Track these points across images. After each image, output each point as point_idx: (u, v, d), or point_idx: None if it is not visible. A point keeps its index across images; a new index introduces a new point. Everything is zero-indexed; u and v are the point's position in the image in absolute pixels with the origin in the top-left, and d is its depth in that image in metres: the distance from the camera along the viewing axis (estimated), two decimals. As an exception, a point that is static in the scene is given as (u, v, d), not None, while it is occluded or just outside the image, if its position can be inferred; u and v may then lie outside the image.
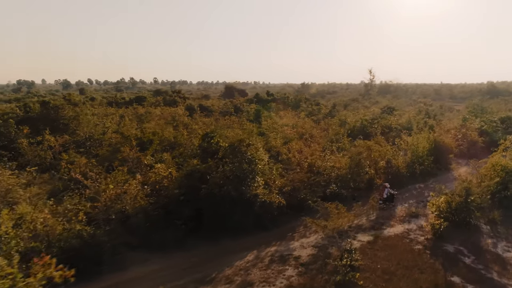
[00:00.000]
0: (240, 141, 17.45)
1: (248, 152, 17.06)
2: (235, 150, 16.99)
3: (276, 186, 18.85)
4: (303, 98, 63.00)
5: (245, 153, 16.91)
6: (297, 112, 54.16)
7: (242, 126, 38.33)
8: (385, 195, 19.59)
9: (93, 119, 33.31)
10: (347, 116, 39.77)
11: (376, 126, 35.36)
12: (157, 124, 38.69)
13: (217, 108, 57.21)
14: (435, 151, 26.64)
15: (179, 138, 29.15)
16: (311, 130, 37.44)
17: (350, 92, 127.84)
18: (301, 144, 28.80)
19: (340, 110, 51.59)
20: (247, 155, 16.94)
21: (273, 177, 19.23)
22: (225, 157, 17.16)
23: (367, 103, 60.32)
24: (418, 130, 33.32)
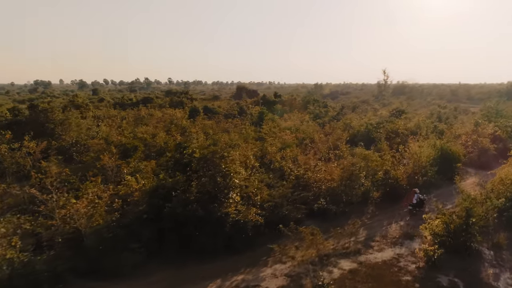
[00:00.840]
0: (213, 153, 15.78)
1: (222, 164, 15.44)
2: (207, 163, 15.39)
3: (258, 200, 17.22)
4: (311, 100, 61.02)
5: (219, 165, 15.30)
6: (303, 115, 52.39)
7: (242, 129, 36.79)
8: (415, 200, 18.89)
9: (85, 123, 32.16)
10: (352, 119, 37.77)
11: (381, 131, 33.30)
12: (155, 127, 37.52)
13: (221, 110, 55.76)
14: (441, 160, 24.56)
15: (170, 144, 27.73)
16: (313, 134, 35.65)
17: (364, 92, 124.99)
18: (297, 151, 27.06)
19: (348, 112, 49.53)
20: (221, 168, 15.33)
21: (255, 191, 17.57)
22: (197, 170, 15.58)
23: (377, 105, 57.99)
24: (427, 136, 31.20)
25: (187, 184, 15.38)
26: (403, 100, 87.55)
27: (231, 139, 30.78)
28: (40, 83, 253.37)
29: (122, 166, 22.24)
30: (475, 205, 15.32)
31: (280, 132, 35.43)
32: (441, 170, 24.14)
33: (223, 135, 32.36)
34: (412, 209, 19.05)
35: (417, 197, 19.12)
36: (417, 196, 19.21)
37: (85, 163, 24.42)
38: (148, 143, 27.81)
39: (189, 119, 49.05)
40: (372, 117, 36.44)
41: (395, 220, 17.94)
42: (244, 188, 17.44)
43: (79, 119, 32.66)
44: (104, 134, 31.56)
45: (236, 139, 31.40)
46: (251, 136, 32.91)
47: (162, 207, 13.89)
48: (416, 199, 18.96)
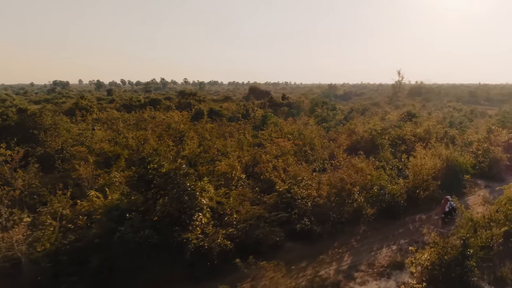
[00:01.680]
0: (176, 169, 14.17)
1: (187, 182, 13.84)
2: (171, 181, 13.80)
3: (235, 220, 15.56)
4: (320, 102, 58.98)
5: (183, 184, 13.71)
6: (309, 118, 50.45)
7: (241, 134, 35.20)
8: (447, 208, 18.18)
9: (76, 128, 31.04)
10: (357, 124, 35.72)
11: (387, 137, 31.21)
12: (153, 131, 36.34)
13: (227, 113, 54.28)
14: (447, 171, 22.47)
15: (162, 150, 26.33)
16: (315, 140, 33.81)
17: (380, 93, 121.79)
18: (293, 160, 25.31)
19: (356, 116, 47.36)
20: (186, 186, 13.73)
21: (231, 209, 15.92)
22: (162, 188, 14.00)
23: (388, 108, 55.49)
24: (437, 142, 29.02)
25: (150, 204, 13.84)
26: (418, 101, 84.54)
27: (224, 145, 29.24)
28: (58, 84, 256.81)
29: (101, 176, 20.96)
30: (478, 230, 13.41)
31: (278, 138, 33.72)
32: (446, 183, 22.05)
33: (219, 140, 30.84)
34: (444, 217, 18.30)
35: (450, 204, 18.27)
36: (449, 204, 18.33)
37: (63, 173, 23.27)
38: (136, 150, 26.53)
39: (193, 121, 47.86)
40: (378, 122, 34.26)
41: (387, 244, 15.96)
42: (219, 206, 15.85)
43: (69, 124, 31.59)
44: (97, 138, 30.46)
45: (231, 145, 29.87)
46: (246, 142, 31.29)
47: (114, 231, 12.37)
48: (449, 207, 18.26)
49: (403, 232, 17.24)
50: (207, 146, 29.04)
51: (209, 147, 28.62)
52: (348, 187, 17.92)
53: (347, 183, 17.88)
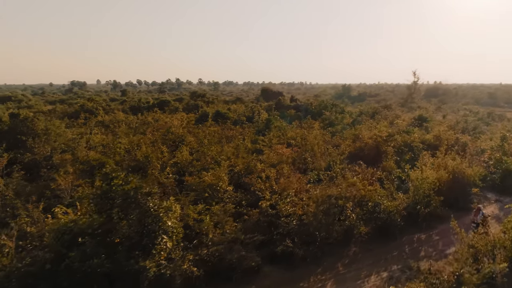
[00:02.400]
0: (136, 189, 12.85)
1: (150, 203, 12.52)
2: (131, 200, 12.49)
3: (209, 241, 14.20)
4: (329, 104, 57.19)
5: (145, 204, 12.40)
6: (314, 122, 48.78)
7: (239, 139, 33.87)
8: (479, 218, 16.72)
9: (70, 132, 30.11)
10: (362, 130, 33.97)
11: (392, 145, 29.45)
12: (152, 135, 35.39)
13: (233, 116, 52.99)
14: (452, 184, 20.66)
15: (152, 158, 25.20)
16: (317, 147, 32.26)
17: (395, 94, 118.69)
18: (288, 169, 23.82)
19: (366, 120, 45.48)
20: (149, 206, 12.41)
21: (206, 229, 14.55)
22: (122, 208, 12.70)
23: (399, 111, 53.30)
24: (443, 151, 27.13)
25: (112, 225, 12.56)
26: (434, 103, 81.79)
27: (220, 152, 27.92)
28: (76, 84, 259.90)
29: (80, 187, 19.89)
30: (479, 259, 11.77)
31: (278, 143, 32.28)
32: (451, 197, 20.28)
33: (214, 147, 29.56)
34: (476, 227, 16.90)
35: (482, 214, 16.98)
36: (481, 213, 17.11)
37: (47, 182, 22.31)
38: (125, 157, 25.44)
39: (197, 124, 46.81)
40: (384, 127, 32.38)
41: (377, 270, 14.29)
42: (196, 224, 14.51)
43: (63, 128, 30.71)
44: (93, 143, 29.52)
45: (227, 152, 28.56)
46: (244, 148, 29.91)
47: (64, 257, 11.17)
48: (481, 217, 16.78)
49: (398, 256, 15.54)
50: (201, 153, 27.83)
51: (203, 154, 27.40)
52: (340, 203, 16.42)
53: (339, 199, 16.37)
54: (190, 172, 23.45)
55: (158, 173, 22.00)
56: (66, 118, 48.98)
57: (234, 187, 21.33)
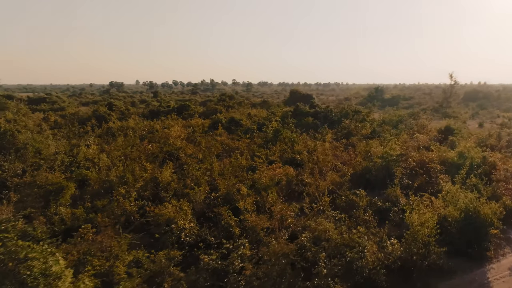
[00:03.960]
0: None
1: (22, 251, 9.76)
2: None
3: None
4: (350, 111, 53.18)
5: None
6: (336, 130, 45.06)
7: (236, 154, 31.00)
8: None
9: (52, 146, 28.26)
10: (373, 145, 30.13)
11: (404, 165, 25.59)
12: (145, 149, 33.29)
13: (246, 123, 50.20)
14: (464, 225, 16.82)
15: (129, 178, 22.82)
16: (322, 163, 29.03)
17: (432, 97, 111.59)
18: (273, 197, 20.72)
19: (387, 130, 41.30)
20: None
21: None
22: None
23: (427, 120, 48.36)
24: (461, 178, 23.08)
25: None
26: (472, 108, 75.33)
27: (204, 171, 25.12)
28: (114, 84, 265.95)
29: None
30: None
31: (280, 157, 29.17)
32: (462, 241, 16.48)
33: (204, 165, 26.88)
34: None
35: None
36: None
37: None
38: (95, 179, 23.17)
39: (208, 132, 44.51)
40: (394, 145, 28.32)
41: None
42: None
43: (47, 142, 28.85)
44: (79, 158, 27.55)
45: (216, 170, 25.78)
46: (235, 165, 26.98)
47: None
48: None
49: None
50: (186, 171, 25.22)
51: (188, 172, 24.79)
52: (307, 256, 13.22)
53: (308, 250, 13.17)
54: (161, 198, 20.88)
55: (122, 199, 19.53)
56: (77, 124, 48.05)
57: (202, 219, 18.68)
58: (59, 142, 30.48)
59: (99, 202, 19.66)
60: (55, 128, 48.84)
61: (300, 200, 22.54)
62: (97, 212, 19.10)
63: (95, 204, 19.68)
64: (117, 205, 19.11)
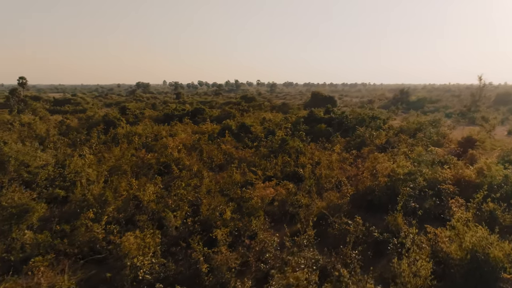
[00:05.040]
0: None
1: None
2: None
3: None
4: (367, 117, 50.25)
5: None
6: (350, 138, 42.37)
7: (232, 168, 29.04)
8: None
9: (38, 159, 27.04)
10: (382, 161, 27.47)
11: (413, 185, 22.89)
12: (142, 160, 31.82)
13: (255, 130, 48.13)
14: (471, 268, 14.27)
15: (109, 196, 21.23)
16: (325, 179, 26.83)
17: (461, 99, 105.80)
18: (257, 224, 18.69)
19: (404, 139, 38.35)
20: None
21: None
22: None
23: (447, 128, 44.91)
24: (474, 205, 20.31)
25: None
26: (503, 113, 70.42)
27: (191, 188, 23.26)
28: (140, 85, 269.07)
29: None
30: None
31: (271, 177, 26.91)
32: (469, 285, 13.92)
33: (194, 181, 25.06)
34: None
35: None
36: None
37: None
38: (73, 197, 21.70)
39: (216, 139, 42.78)
40: (403, 162, 25.63)
41: None
42: None
43: (38, 152, 27.74)
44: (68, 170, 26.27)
45: (205, 187, 23.94)
46: (228, 181, 25.04)
47: None
48: None
49: None
50: (172, 188, 23.39)
51: (173, 191, 22.96)
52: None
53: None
54: (135, 222, 19.13)
55: (92, 222, 17.91)
56: (84, 130, 47.31)
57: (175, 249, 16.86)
58: (49, 152, 29.26)
59: (67, 226, 18.12)
60: (67, 133, 48.31)
61: (293, 224, 20.53)
62: (63, 238, 17.64)
63: (63, 228, 18.19)
64: (84, 230, 17.52)
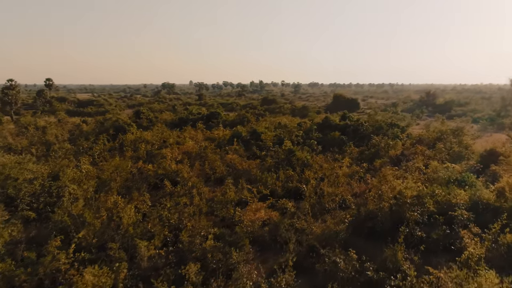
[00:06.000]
0: None
1: None
2: None
3: None
4: (385, 125, 47.47)
5: None
6: (364, 148, 39.84)
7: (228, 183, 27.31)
8: None
9: (26, 172, 25.95)
10: (390, 178, 25.04)
11: (421, 210, 20.47)
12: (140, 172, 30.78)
13: (266, 137, 46.17)
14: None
15: (89, 218, 19.95)
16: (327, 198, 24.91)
17: (491, 102, 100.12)
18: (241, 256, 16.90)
19: (421, 151, 35.56)
20: None
21: None
22: None
23: (471, 137, 41.56)
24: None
25: None
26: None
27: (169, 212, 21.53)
28: (166, 85, 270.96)
29: None
30: None
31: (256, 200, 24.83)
32: None
33: (183, 199, 23.45)
34: None
35: None
36: None
37: None
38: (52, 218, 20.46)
39: (226, 146, 41.31)
40: (410, 183, 23.08)
41: None
42: None
43: (30, 164, 26.68)
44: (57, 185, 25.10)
45: (193, 207, 22.30)
46: (223, 199, 23.33)
47: None
48: None
49: None
50: (158, 209, 21.82)
51: (156, 212, 21.41)
52: None
53: None
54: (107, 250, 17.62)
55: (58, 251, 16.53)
56: (93, 136, 46.64)
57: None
58: (49, 162, 28.32)
59: (32, 253, 16.81)
60: (80, 137, 47.86)
61: (284, 252, 18.70)
62: (28, 267, 16.33)
63: (29, 256, 16.89)
64: (51, 258, 16.17)
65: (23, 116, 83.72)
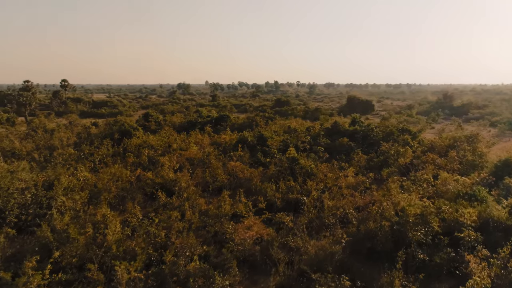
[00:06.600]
0: None
1: None
2: None
3: None
4: (395, 131, 45.74)
5: None
6: (373, 155, 38.25)
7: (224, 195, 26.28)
8: None
9: (16, 181, 25.21)
10: (395, 192, 23.56)
11: (425, 229, 19.01)
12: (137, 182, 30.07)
13: (272, 142, 44.89)
14: None
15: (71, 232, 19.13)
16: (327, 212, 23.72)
17: (511, 104, 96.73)
18: (227, 281, 15.85)
19: (433, 159, 33.82)
20: None
21: None
22: None
23: (485, 145, 39.48)
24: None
25: None
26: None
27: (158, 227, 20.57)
28: (181, 86, 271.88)
29: None
30: None
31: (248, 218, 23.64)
32: None
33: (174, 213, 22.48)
34: None
35: None
36: None
37: None
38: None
39: (229, 153, 40.26)
40: (414, 200, 21.54)
41: None
42: None
43: (22, 173, 26.07)
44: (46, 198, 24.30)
45: (194, 218, 21.35)
46: (217, 213, 22.29)
47: None
48: None
49: None
50: (144, 225, 20.80)
51: (143, 228, 20.44)
52: None
53: None
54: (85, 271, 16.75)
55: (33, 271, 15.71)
56: (97, 141, 46.20)
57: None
58: (38, 173, 27.70)
59: (7, 274, 16.03)
60: (88, 140, 47.58)
61: (275, 274, 17.58)
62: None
63: (4, 277, 16.12)
64: (24, 281, 15.36)
65: (37, 117, 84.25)
